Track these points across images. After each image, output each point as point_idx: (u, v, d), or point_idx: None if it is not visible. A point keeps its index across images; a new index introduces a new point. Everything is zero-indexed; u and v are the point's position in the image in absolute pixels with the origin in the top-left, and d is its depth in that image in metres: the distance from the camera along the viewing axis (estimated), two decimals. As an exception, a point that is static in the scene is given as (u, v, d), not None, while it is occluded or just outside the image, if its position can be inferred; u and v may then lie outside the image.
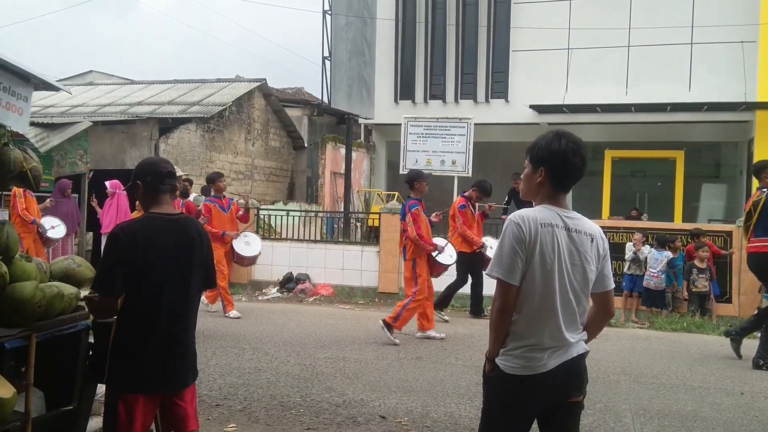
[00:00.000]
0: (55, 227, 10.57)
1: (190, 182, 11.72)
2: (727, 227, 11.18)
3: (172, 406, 3.12)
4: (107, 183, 11.08)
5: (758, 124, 15.47)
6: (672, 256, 10.19)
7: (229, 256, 9.24)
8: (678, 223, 13.92)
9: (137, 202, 8.46)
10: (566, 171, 2.71)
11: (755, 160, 15.33)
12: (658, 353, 7.70)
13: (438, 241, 8.54)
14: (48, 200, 10.90)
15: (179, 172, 11.34)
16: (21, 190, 9.62)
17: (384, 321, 7.75)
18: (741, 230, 10.41)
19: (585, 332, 2.74)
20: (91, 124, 13.13)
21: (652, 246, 10.40)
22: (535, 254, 2.61)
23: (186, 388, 3.16)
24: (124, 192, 11.02)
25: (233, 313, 9.14)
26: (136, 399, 2.97)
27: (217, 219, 9.01)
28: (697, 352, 7.91)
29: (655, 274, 10.07)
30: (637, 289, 10.26)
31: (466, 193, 10.12)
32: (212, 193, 9.44)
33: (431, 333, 8.08)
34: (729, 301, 10.42)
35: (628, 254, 10.36)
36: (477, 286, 9.93)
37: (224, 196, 9.41)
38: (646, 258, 10.24)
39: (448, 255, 8.74)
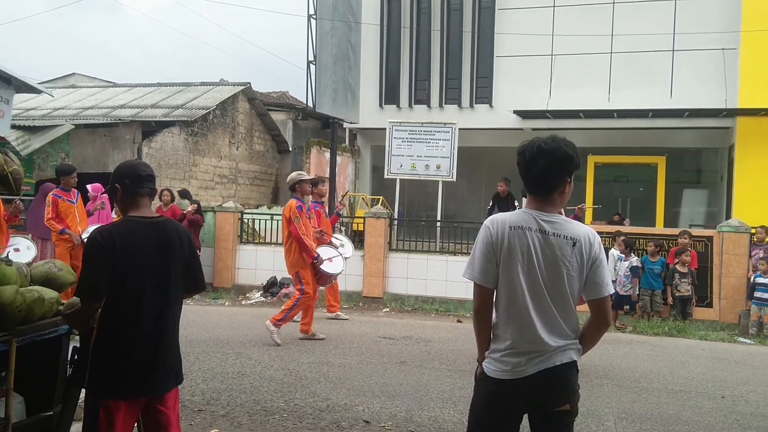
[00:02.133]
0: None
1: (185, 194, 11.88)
2: (708, 232, 11.29)
3: (154, 412, 3.09)
4: (89, 186, 10.98)
5: (739, 131, 15.68)
6: (635, 263, 10.25)
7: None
8: (659, 228, 14.06)
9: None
10: (531, 174, 2.71)
11: (735, 166, 15.59)
12: (640, 357, 7.75)
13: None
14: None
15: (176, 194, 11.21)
16: (52, 197, 8.88)
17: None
18: (722, 235, 10.57)
19: (576, 340, 2.69)
20: (74, 127, 13.04)
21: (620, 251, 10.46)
22: (504, 257, 2.63)
23: (168, 393, 3.12)
24: (106, 195, 10.94)
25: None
26: (117, 405, 2.94)
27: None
28: (679, 356, 7.97)
29: (620, 279, 10.14)
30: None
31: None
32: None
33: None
34: (710, 305, 10.53)
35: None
36: None
37: (322, 203, 9.15)
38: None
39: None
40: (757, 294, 9.74)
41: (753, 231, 10.63)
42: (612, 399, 5.85)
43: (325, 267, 8.10)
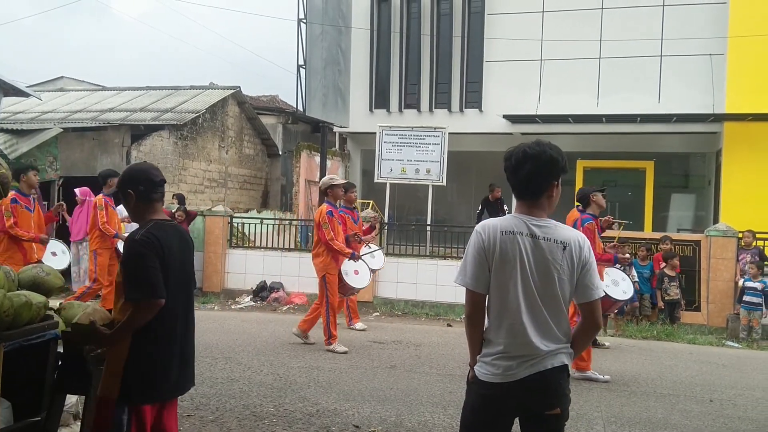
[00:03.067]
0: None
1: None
2: (696, 236, 11.37)
3: (161, 415, 3.09)
4: (77, 190, 10.93)
5: (726, 136, 15.80)
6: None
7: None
8: (648, 232, 14.13)
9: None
10: (517, 179, 2.73)
11: (723, 170, 15.70)
12: (629, 361, 7.78)
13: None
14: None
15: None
16: (103, 201, 8.59)
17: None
18: (710, 239, 10.64)
19: (568, 344, 2.70)
20: (62, 130, 12.96)
21: None
22: (496, 262, 2.64)
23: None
24: (94, 199, 10.88)
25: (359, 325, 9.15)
26: (152, 409, 2.95)
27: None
28: (667, 359, 8.01)
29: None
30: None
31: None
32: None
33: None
34: (698, 309, 10.59)
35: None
36: None
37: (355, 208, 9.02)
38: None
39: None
40: (747, 298, 9.81)
41: (740, 235, 10.71)
42: (601, 403, 5.88)
43: (350, 280, 8.03)
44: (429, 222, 14.33)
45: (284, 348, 7.75)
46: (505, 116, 17.27)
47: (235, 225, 12.90)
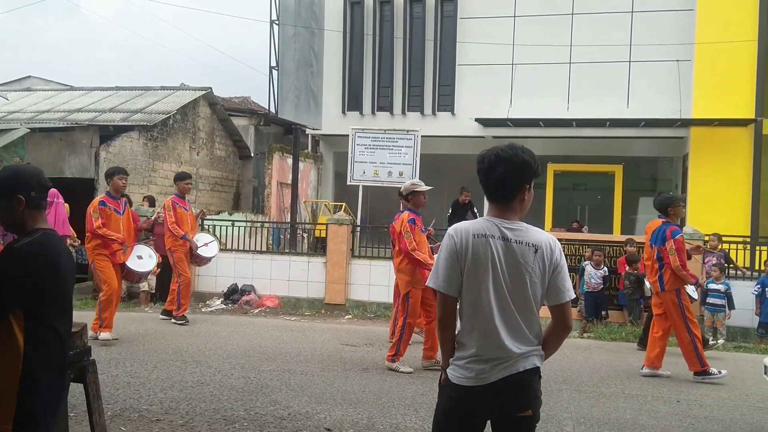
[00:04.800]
0: (208, 244, 9.80)
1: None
2: (664, 239, 11.53)
3: None
4: (45, 192, 10.73)
5: (693, 140, 16.10)
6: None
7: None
8: (617, 235, 14.33)
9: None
10: (490, 182, 2.74)
11: (689, 174, 15.99)
12: (598, 362, 7.88)
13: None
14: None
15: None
16: (171, 202, 9.07)
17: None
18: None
19: (539, 346, 2.72)
20: (29, 130, 12.72)
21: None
22: (468, 265, 2.66)
23: None
24: (62, 201, 10.69)
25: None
26: None
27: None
28: (635, 361, 8.12)
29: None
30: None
31: None
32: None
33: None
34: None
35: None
36: None
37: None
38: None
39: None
40: (710, 300, 10.01)
41: (706, 239, 10.91)
42: (571, 404, 5.94)
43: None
44: (401, 224, 14.31)
45: (255, 351, 7.70)
46: (477, 119, 17.39)
47: (206, 227, 12.78)
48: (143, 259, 8.42)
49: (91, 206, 7.95)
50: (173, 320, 9.33)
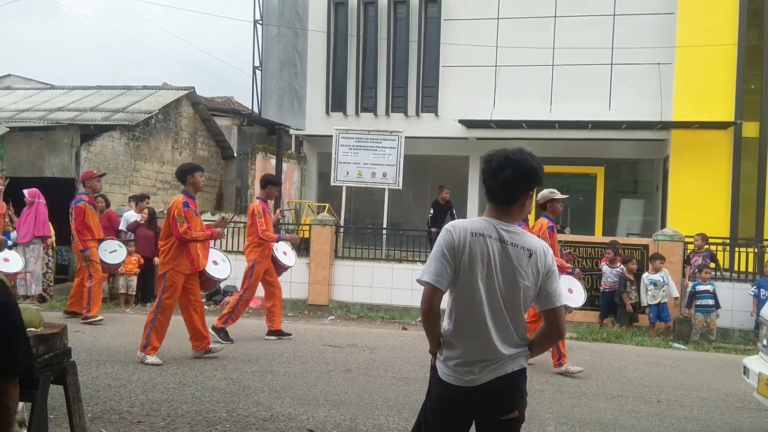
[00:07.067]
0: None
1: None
2: (644, 240, 11.66)
3: None
4: (25, 191, 10.62)
5: (673, 143, 16.26)
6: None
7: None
8: (598, 236, 14.43)
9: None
10: (495, 182, 2.74)
11: (670, 176, 16.15)
12: (580, 363, 7.91)
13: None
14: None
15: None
16: (261, 207, 8.26)
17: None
18: (657, 243, 10.91)
19: (526, 348, 2.74)
20: (8, 129, 12.58)
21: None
22: (464, 262, 2.65)
23: None
24: (43, 201, 10.59)
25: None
26: None
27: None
28: (616, 361, 8.19)
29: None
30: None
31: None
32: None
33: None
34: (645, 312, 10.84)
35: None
36: None
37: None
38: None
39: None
40: (701, 302, 10.06)
41: (689, 240, 11.00)
42: (553, 404, 5.97)
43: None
44: (385, 225, 14.36)
45: (237, 352, 7.66)
46: (460, 121, 17.44)
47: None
48: (218, 264, 7.81)
49: (175, 208, 6.89)
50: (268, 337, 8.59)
